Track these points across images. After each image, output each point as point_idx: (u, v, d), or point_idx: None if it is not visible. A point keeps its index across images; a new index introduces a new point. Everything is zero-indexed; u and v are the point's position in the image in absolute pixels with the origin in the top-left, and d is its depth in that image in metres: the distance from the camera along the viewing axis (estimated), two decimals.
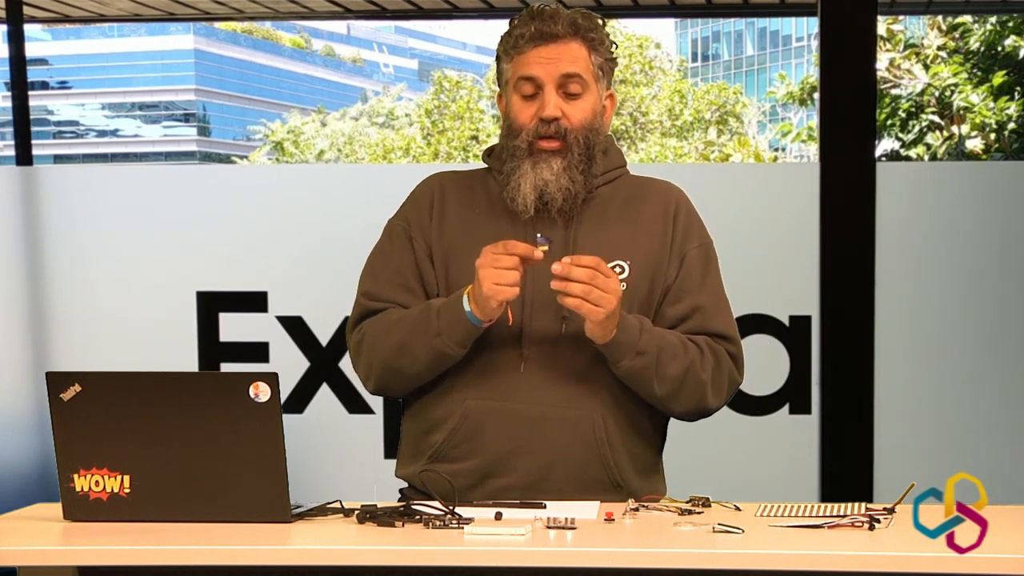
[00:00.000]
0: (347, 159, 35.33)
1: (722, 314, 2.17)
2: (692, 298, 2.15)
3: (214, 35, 61.15)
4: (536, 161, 2.10)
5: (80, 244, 3.72)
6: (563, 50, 2.10)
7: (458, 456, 2.12)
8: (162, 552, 1.78)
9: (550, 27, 2.10)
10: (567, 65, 2.10)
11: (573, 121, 2.11)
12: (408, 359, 2.11)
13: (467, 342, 2.08)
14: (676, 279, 2.16)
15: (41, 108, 54.75)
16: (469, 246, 2.12)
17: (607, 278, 1.98)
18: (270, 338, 3.64)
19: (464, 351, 2.09)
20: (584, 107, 2.12)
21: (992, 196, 3.51)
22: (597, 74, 2.14)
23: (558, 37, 2.10)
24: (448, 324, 2.06)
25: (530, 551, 1.75)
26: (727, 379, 2.15)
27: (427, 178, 2.28)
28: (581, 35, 2.12)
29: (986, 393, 3.50)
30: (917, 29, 18.82)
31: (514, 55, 2.13)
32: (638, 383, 2.09)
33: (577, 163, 2.11)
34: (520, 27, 2.13)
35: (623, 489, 2.11)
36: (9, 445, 3.77)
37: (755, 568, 1.73)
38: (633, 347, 2.05)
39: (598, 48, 2.14)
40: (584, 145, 2.11)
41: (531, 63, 2.11)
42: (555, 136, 2.10)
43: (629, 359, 2.05)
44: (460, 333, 2.06)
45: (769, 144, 28.63)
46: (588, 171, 2.12)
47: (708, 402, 2.13)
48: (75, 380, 1.91)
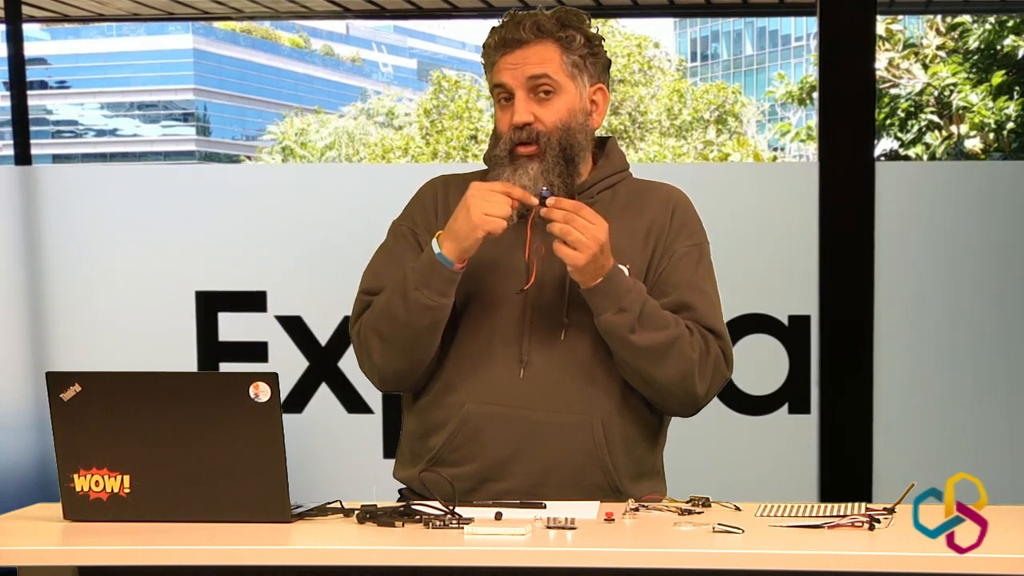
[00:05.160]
0: (353, 156, 35.36)
1: (711, 310, 2.16)
2: (679, 292, 2.13)
3: (213, 35, 61.13)
4: (516, 168, 2.10)
5: (79, 244, 3.72)
6: (529, 54, 2.11)
7: (457, 460, 2.12)
8: (162, 552, 1.78)
9: (513, 33, 2.11)
10: (532, 67, 2.10)
11: (546, 123, 2.11)
12: (398, 326, 2.08)
13: (447, 290, 2.06)
14: (663, 272, 2.15)
15: (40, 108, 54.71)
16: None
17: (589, 223, 1.98)
18: (269, 338, 3.64)
19: (447, 300, 2.06)
20: (558, 107, 2.12)
21: (991, 196, 3.51)
22: (572, 72, 2.13)
23: (522, 42, 2.11)
24: (423, 275, 2.05)
25: (530, 551, 1.75)
26: (713, 367, 2.12)
27: (430, 180, 2.28)
28: (548, 35, 2.11)
29: (986, 393, 3.50)
30: (916, 29, 18.82)
31: (489, 66, 2.16)
32: (617, 341, 2.05)
33: (553, 165, 2.10)
34: (490, 37, 2.15)
35: (622, 494, 2.10)
36: (9, 445, 3.77)
37: (755, 568, 1.73)
38: (617, 302, 2.03)
39: (570, 46, 2.12)
40: (559, 146, 2.11)
41: (500, 71, 2.12)
42: (529, 141, 2.10)
43: (611, 313, 2.03)
44: (437, 281, 2.05)
45: (768, 144, 28.63)
46: (568, 171, 2.12)
47: (695, 384, 2.09)
48: (75, 380, 1.91)
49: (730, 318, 2.23)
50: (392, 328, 2.10)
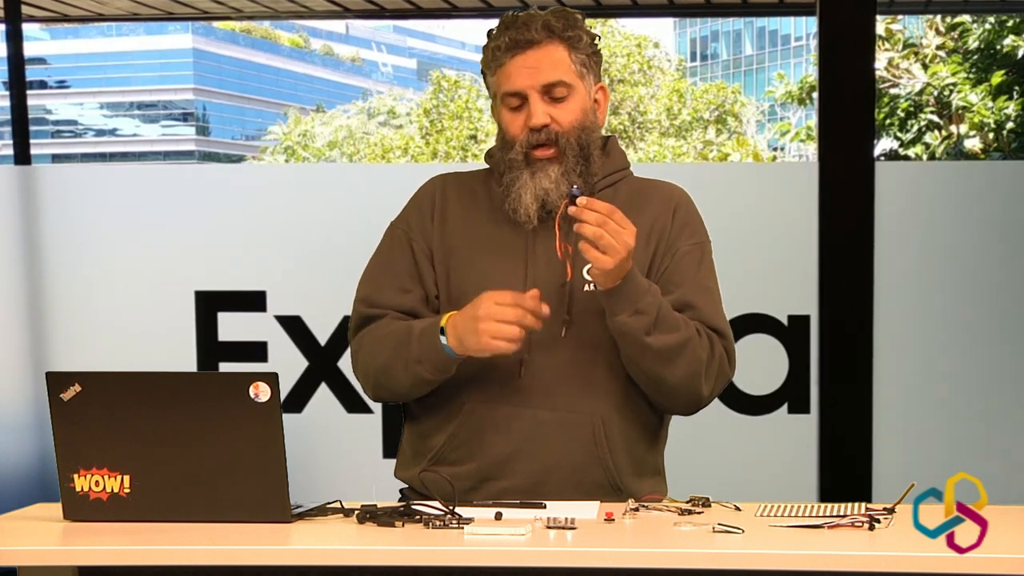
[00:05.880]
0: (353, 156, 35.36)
1: (713, 309, 2.16)
2: (682, 291, 2.13)
3: (212, 34, 61.11)
4: (534, 171, 2.09)
5: (79, 243, 3.72)
6: (542, 55, 2.10)
7: (458, 459, 2.12)
8: (162, 552, 1.78)
9: (524, 34, 2.10)
10: (548, 74, 2.09)
11: (563, 124, 2.10)
12: (393, 381, 2.12)
13: (448, 369, 2.08)
14: (666, 271, 2.15)
15: (39, 107, 54.69)
16: (471, 249, 2.13)
17: (620, 227, 1.96)
18: (269, 338, 3.64)
19: (445, 376, 2.09)
20: (572, 108, 2.11)
21: (991, 195, 3.51)
22: (580, 72, 2.13)
23: (534, 42, 2.10)
24: (426, 352, 2.06)
25: (530, 551, 1.75)
26: (718, 368, 2.13)
27: (429, 180, 2.27)
28: (557, 36, 2.11)
29: (986, 393, 3.50)
30: (916, 29, 18.82)
31: (496, 68, 2.13)
32: (630, 343, 2.05)
33: (574, 166, 2.10)
34: (496, 38, 2.13)
35: (623, 493, 2.10)
36: (9, 445, 3.77)
37: (755, 568, 1.73)
38: (634, 304, 2.02)
39: (577, 46, 2.12)
40: (578, 146, 2.11)
41: (512, 75, 2.10)
42: (547, 143, 2.10)
43: (627, 315, 2.02)
44: (440, 362, 2.07)
45: (768, 144, 28.62)
46: (587, 171, 2.12)
47: (700, 385, 2.09)
48: (75, 380, 1.91)
49: (730, 318, 2.23)
50: (391, 381, 2.13)
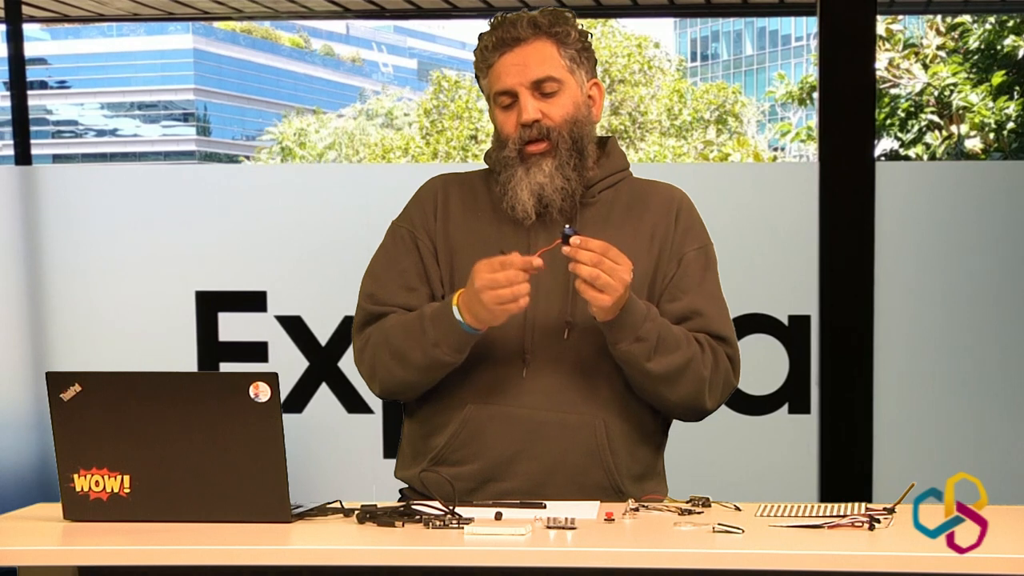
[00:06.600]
0: (352, 157, 35.36)
1: (720, 316, 2.17)
2: (690, 299, 2.15)
3: (213, 35, 61.13)
4: (528, 167, 2.10)
5: (79, 244, 3.72)
6: (529, 52, 2.11)
7: (459, 460, 2.12)
8: (162, 552, 1.78)
9: (511, 32, 2.11)
10: (536, 70, 2.11)
11: (555, 118, 2.11)
12: (408, 369, 2.11)
13: (465, 348, 2.07)
14: (673, 278, 2.16)
15: (40, 108, 54.71)
16: (473, 248, 2.13)
17: (616, 264, 1.97)
18: (269, 338, 3.64)
19: (463, 356, 2.08)
20: (563, 103, 2.12)
21: (991, 196, 3.50)
22: (570, 67, 2.14)
23: (521, 40, 2.11)
24: (444, 334, 2.05)
25: (530, 551, 1.75)
26: (723, 380, 2.14)
27: (430, 180, 2.28)
28: (544, 32, 2.12)
29: (986, 393, 3.49)
30: (916, 29, 18.82)
31: (486, 69, 2.15)
32: (633, 368, 2.07)
33: (567, 159, 2.11)
34: (485, 39, 2.15)
35: (624, 494, 2.10)
36: (9, 445, 3.77)
37: (755, 568, 1.73)
38: (634, 331, 2.03)
39: (565, 41, 2.13)
40: (570, 139, 2.12)
41: (501, 74, 2.12)
42: (540, 138, 2.11)
43: (628, 343, 2.04)
44: (457, 341, 2.06)
45: (768, 144, 28.63)
46: (581, 165, 2.13)
47: (704, 400, 2.12)
48: (75, 380, 1.91)
49: (731, 318, 2.23)
50: (406, 371, 2.12)
